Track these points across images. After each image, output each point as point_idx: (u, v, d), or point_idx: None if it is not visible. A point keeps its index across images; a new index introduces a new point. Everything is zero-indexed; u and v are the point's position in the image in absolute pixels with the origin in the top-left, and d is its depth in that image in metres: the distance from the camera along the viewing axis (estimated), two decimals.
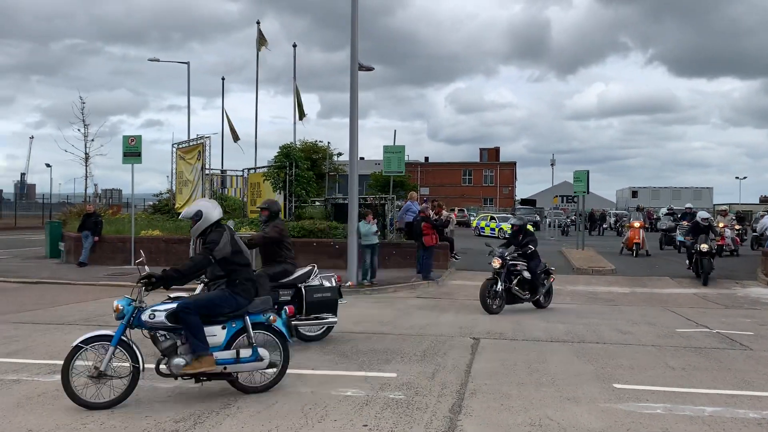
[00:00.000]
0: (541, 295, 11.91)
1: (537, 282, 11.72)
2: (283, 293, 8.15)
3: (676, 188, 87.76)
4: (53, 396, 5.93)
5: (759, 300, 13.69)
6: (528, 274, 11.63)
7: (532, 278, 11.67)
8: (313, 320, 8.35)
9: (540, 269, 11.94)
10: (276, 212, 8.90)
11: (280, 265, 8.34)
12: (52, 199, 52.26)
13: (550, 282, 12.24)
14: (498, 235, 35.71)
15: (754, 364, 7.61)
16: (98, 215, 19.90)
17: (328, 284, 8.55)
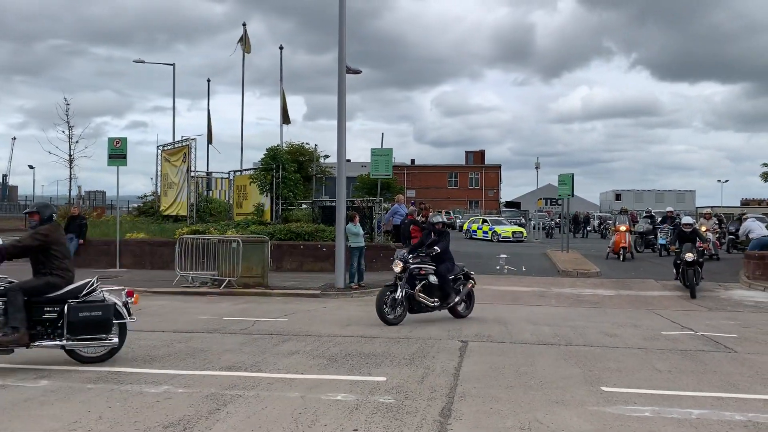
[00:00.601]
0: (454, 301, 10.81)
1: (447, 288, 10.61)
2: (48, 309, 7.15)
3: (660, 191, 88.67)
4: (40, 402, 5.86)
5: (742, 302, 13.85)
6: (435, 278, 10.57)
7: (440, 283, 10.57)
8: (84, 341, 7.23)
9: (454, 273, 10.95)
10: (48, 217, 7.58)
11: (44, 278, 7.29)
12: (34, 201, 51.66)
13: (469, 288, 11.19)
14: (492, 239, 35.20)
15: (739, 366, 7.70)
16: (83, 218, 19.75)
17: (105, 301, 7.41)
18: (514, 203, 76.90)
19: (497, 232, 35.49)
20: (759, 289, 15.72)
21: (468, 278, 11.30)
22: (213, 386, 6.42)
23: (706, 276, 17.82)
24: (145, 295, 14.09)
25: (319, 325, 10.23)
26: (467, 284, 11.19)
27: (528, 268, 20.13)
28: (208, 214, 24.44)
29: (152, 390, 6.26)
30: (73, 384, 6.47)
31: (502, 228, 36.24)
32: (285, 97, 28.36)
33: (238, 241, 14.55)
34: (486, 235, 36.32)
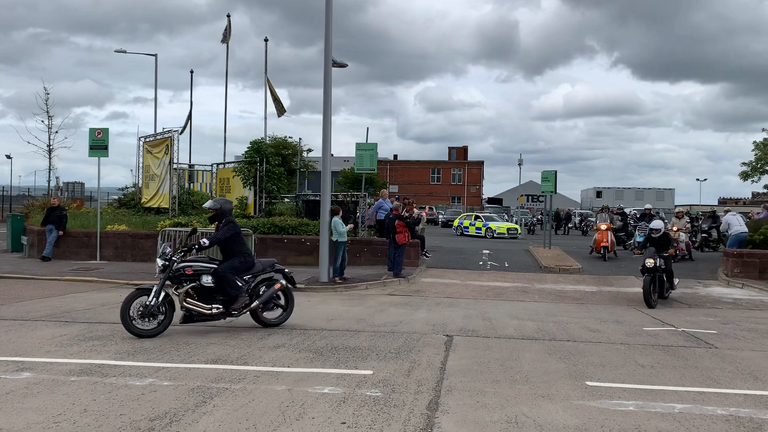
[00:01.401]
0: (250, 307, 8.97)
1: (230, 290, 8.72)
2: None
3: (639, 189, 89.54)
4: (22, 394, 5.79)
5: (720, 299, 14.05)
6: (211, 279, 8.68)
7: (219, 284, 8.70)
8: None
9: (252, 272, 9.13)
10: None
11: None
12: (12, 192, 50.88)
13: (275, 289, 9.22)
14: (486, 235, 34.36)
15: (720, 361, 7.82)
16: (63, 209, 19.48)
17: None
18: (496, 200, 77.42)
19: (492, 229, 34.75)
20: (737, 286, 15.97)
21: (274, 278, 9.42)
22: (199, 379, 6.38)
23: (685, 273, 18.10)
24: (126, 287, 13.96)
25: (304, 319, 10.20)
26: (274, 285, 9.23)
27: (511, 264, 20.26)
28: (191, 206, 24.24)
29: (137, 383, 6.21)
30: (57, 376, 6.39)
31: (497, 224, 35.59)
32: (273, 89, 28.13)
33: None
34: (479, 231, 35.39)
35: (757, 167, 46.76)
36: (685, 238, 21.19)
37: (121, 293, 12.94)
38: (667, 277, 13.19)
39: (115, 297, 12.38)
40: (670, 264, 13.23)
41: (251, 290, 9.08)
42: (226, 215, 9.14)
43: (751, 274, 16.62)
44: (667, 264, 13.06)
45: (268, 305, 9.25)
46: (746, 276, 16.59)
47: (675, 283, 13.61)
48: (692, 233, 25.31)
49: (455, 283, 15.77)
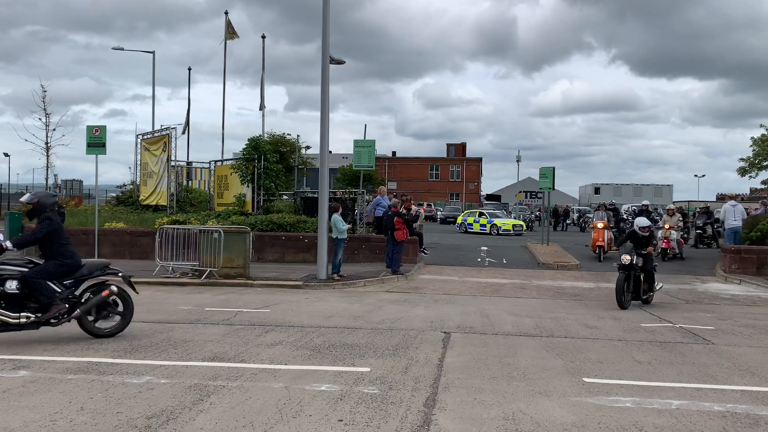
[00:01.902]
0: (63, 313, 7.85)
1: (39, 296, 7.62)
2: None
3: (638, 185, 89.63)
4: (19, 392, 5.78)
5: (718, 295, 14.07)
6: (16, 284, 7.56)
7: (29, 291, 7.61)
8: None
9: (79, 275, 8.12)
10: None
11: None
12: (10, 190, 50.78)
13: (102, 297, 8.13)
14: (491, 232, 33.73)
15: (717, 358, 7.83)
16: (61, 206, 19.45)
17: None
18: (494, 196, 77.37)
19: (497, 225, 34.13)
20: (735, 282, 15.98)
21: (123, 281, 8.60)
22: (196, 377, 6.38)
23: (683, 269, 18.12)
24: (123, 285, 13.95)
25: (301, 316, 10.20)
26: (102, 291, 8.14)
27: (508, 261, 20.27)
28: (189, 204, 24.25)
29: (134, 380, 6.20)
30: (53, 374, 6.39)
31: (502, 221, 35.02)
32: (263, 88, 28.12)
33: (219, 231, 14.44)
34: (484, 228, 34.67)
35: (755, 163, 46.75)
36: (677, 236, 20.31)
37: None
38: (646, 278, 11.97)
39: None
40: (650, 264, 12.00)
41: (76, 296, 8.07)
42: (44, 210, 7.93)
43: (748, 270, 16.64)
44: (646, 263, 11.87)
45: (102, 313, 8.19)
46: (744, 272, 16.61)
47: (657, 287, 12.40)
48: (685, 230, 25.11)
49: (453, 280, 15.76)
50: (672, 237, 19.83)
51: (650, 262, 12.04)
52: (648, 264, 11.96)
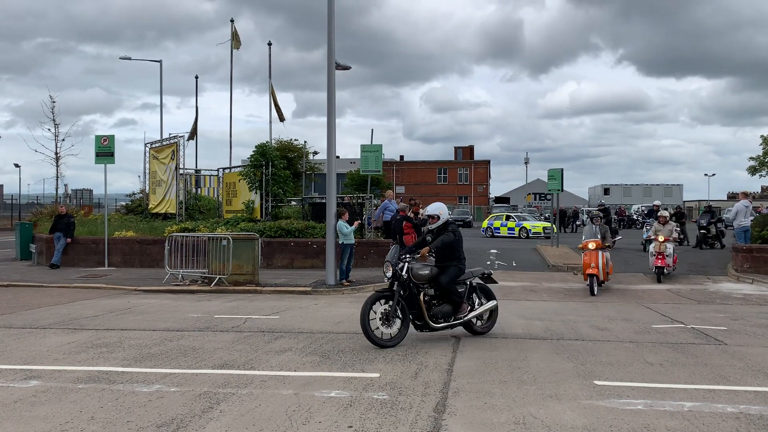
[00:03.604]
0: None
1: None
2: None
3: (647, 185, 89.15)
4: (30, 402, 5.80)
5: (730, 295, 13.95)
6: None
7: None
8: None
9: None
10: None
11: None
12: (21, 200, 51.19)
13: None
14: (520, 236, 33.13)
15: (729, 358, 7.75)
16: (71, 216, 19.60)
17: None
18: (503, 198, 77.22)
19: (527, 228, 33.55)
20: (747, 281, 15.85)
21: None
22: (206, 385, 6.39)
23: (695, 269, 17.98)
24: (134, 293, 14.03)
25: (311, 322, 10.20)
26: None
27: (518, 263, 20.20)
28: (198, 211, 24.31)
29: (144, 389, 6.22)
30: (64, 384, 6.41)
31: (532, 224, 34.40)
32: (275, 94, 28.23)
33: (228, 238, 14.48)
34: (512, 232, 34.04)
35: (765, 161, 46.54)
36: (672, 250, 15.93)
37: (130, 299, 13.01)
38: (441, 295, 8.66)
39: (123, 303, 12.43)
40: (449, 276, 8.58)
41: None
42: None
43: (761, 269, 16.48)
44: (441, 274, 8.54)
45: None
46: (756, 271, 16.46)
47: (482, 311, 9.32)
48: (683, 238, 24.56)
49: None
50: (668, 252, 15.73)
51: (448, 274, 8.57)
52: (444, 276, 8.52)
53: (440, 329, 8.51)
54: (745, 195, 20.19)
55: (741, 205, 19.14)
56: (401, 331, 8.18)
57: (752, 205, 20.12)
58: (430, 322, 8.33)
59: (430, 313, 8.36)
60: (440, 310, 8.49)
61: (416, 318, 8.33)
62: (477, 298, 9.01)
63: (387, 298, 8.14)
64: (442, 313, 8.49)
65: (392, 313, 8.08)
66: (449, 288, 8.48)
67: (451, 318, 8.55)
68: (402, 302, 8.18)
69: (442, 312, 8.49)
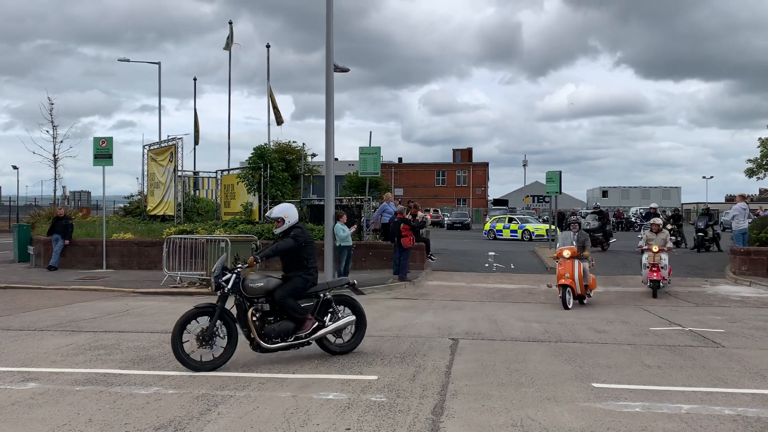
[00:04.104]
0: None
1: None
2: None
3: (646, 188, 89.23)
4: (28, 405, 5.80)
5: (728, 297, 13.97)
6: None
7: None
8: None
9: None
10: None
11: None
12: (19, 202, 51.09)
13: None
14: (523, 238, 32.91)
15: (727, 361, 7.76)
16: (69, 218, 19.57)
17: None
18: (501, 201, 77.21)
19: (530, 231, 33.31)
20: (745, 284, 15.87)
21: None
22: (204, 387, 6.38)
23: (692, 271, 18.01)
24: (132, 296, 14.01)
25: None
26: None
27: (517, 266, 20.21)
28: (196, 213, 24.30)
29: (142, 391, 6.22)
30: (62, 386, 6.41)
31: (534, 226, 34.11)
32: (273, 97, 28.25)
33: (226, 240, 14.47)
34: (515, 234, 33.84)
35: (762, 164, 46.62)
36: (668, 260, 14.06)
37: (128, 301, 13.00)
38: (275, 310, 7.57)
39: (121, 305, 12.42)
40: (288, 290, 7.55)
41: None
42: None
43: (759, 272, 16.50)
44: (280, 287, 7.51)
45: None
46: (754, 274, 16.48)
47: None
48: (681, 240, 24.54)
49: (461, 286, 15.73)
50: (663, 264, 13.76)
51: (287, 287, 7.58)
52: (281, 289, 7.54)
53: (274, 350, 7.40)
54: (742, 197, 20.19)
55: (739, 207, 19.13)
56: (227, 350, 7.21)
57: (749, 207, 20.12)
58: (261, 342, 7.28)
59: (262, 332, 7.32)
60: (275, 328, 7.38)
61: (247, 336, 7.34)
62: (334, 313, 7.84)
63: (209, 314, 7.21)
64: (278, 332, 7.40)
65: (209, 333, 7.10)
66: (284, 303, 7.43)
67: (290, 337, 7.47)
68: (227, 318, 7.27)
69: (277, 330, 7.39)
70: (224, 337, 7.21)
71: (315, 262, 7.94)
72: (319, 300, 7.79)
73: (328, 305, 7.87)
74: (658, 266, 13.63)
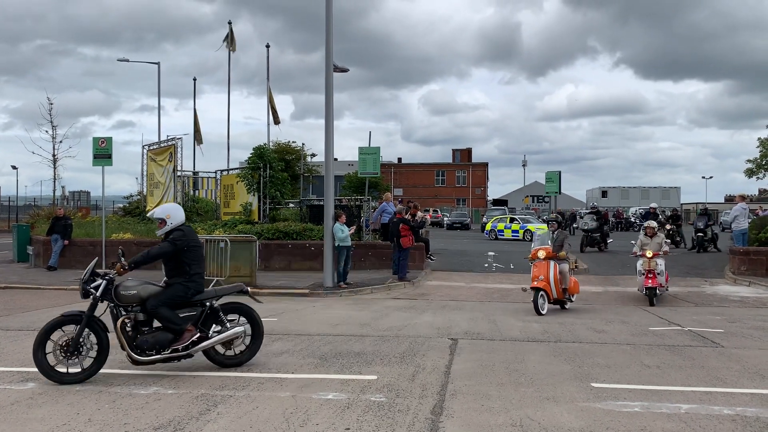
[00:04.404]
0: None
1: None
2: None
3: (645, 188, 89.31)
4: (27, 405, 5.80)
5: (727, 297, 13.98)
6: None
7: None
8: None
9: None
10: None
11: None
12: (18, 202, 51.08)
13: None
14: (524, 238, 32.67)
15: (726, 361, 7.77)
16: (68, 218, 19.58)
17: None
18: (501, 201, 77.24)
19: (531, 231, 32.84)
20: (744, 284, 15.88)
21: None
22: (203, 387, 6.38)
23: (692, 271, 18.01)
24: None
25: (308, 325, 10.20)
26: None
27: (516, 266, 20.17)
28: (195, 213, 24.30)
29: (142, 391, 6.21)
30: (61, 386, 6.40)
31: (536, 226, 33.58)
32: (272, 97, 28.27)
33: (225, 240, 14.47)
34: (516, 234, 33.67)
35: (762, 164, 46.65)
36: (664, 266, 13.11)
37: None
38: None
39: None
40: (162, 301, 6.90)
41: None
42: None
43: (758, 272, 16.52)
44: None
45: None
46: (753, 274, 16.49)
47: None
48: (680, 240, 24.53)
49: (460, 286, 15.74)
50: (659, 270, 12.83)
51: (162, 295, 7.03)
52: (155, 298, 6.97)
53: (147, 363, 6.79)
54: (742, 198, 20.21)
55: (740, 207, 19.14)
56: (97, 361, 6.67)
57: (749, 207, 20.14)
58: (132, 354, 6.70)
59: (134, 343, 6.73)
60: (148, 339, 6.75)
61: (121, 347, 6.78)
62: (222, 323, 7.22)
63: (76, 323, 6.65)
64: (152, 343, 6.76)
65: (74, 343, 6.54)
66: (157, 313, 6.82)
67: (167, 349, 6.84)
68: (97, 327, 6.69)
69: (151, 341, 6.76)
70: (92, 347, 6.66)
71: (200, 268, 7.37)
72: (204, 309, 7.14)
73: (215, 314, 7.21)
74: (654, 272, 12.73)
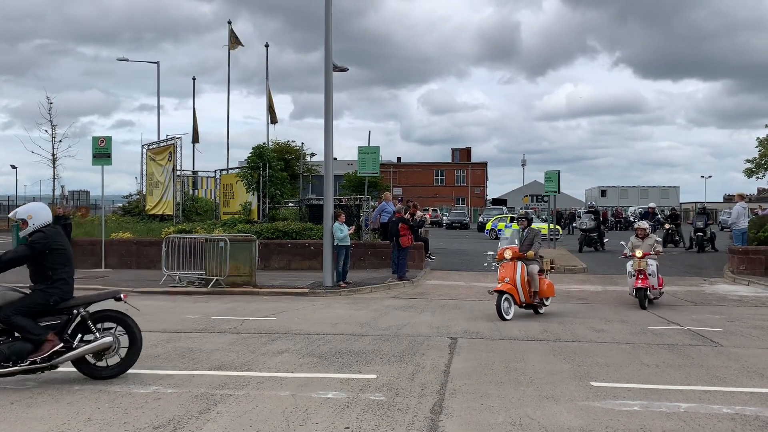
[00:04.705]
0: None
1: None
2: None
3: (644, 187, 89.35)
4: (27, 404, 5.80)
5: (726, 297, 13.99)
6: None
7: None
8: None
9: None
10: None
11: None
12: (17, 201, 51.07)
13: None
14: None
15: (725, 360, 7.78)
16: (67, 218, 19.57)
17: None
18: (500, 200, 77.24)
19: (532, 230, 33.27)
20: (743, 283, 15.89)
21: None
22: (203, 386, 6.39)
23: (690, 270, 18.03)
24: (131, 295, 13.96)
25: (308, 324, 10.20)
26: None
27: None
28: (195, 213, 24.32)
29: (141, 391, 6.22)
30: (61, 386, 6.41)
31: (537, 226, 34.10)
32: (271, 96, 28.28)
33: (225, 239, 14.47)
34: None
35: (761, 163, 46.72)
36: (656, 268, 12.24)
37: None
38: None
39: (119, 305, 12.38)
40: None
41: None
42: None
43: (757, 271, 16.53)
44: None
45: None
46: (752, 273, 16.50)
47: None
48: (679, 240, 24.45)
49: (460, 285, 15.75)
50: (650, 270, 12.09)
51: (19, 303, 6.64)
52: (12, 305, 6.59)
53: (5, 375, 6.26)
54: (741, 197, 20.24)
55: (740, 207, 19.16)
56: None
57: (748, 206, 20.16)
58: None
59: None
60: (3, 350, 6.22)
61: None
62: (91, 332, 6.66)
63: None
64: (7, 354, 6.22)
65: None
66: (10, 322, 6.32)
67: (25, 360, 6.27)
68: None
69: (7, 352, 6.22)
70: None
71: (66, 273, 6.78)
72: (71, 317, 6.59)
73: (83, 323, 6.63)
74: (645, 272, 11.99)
